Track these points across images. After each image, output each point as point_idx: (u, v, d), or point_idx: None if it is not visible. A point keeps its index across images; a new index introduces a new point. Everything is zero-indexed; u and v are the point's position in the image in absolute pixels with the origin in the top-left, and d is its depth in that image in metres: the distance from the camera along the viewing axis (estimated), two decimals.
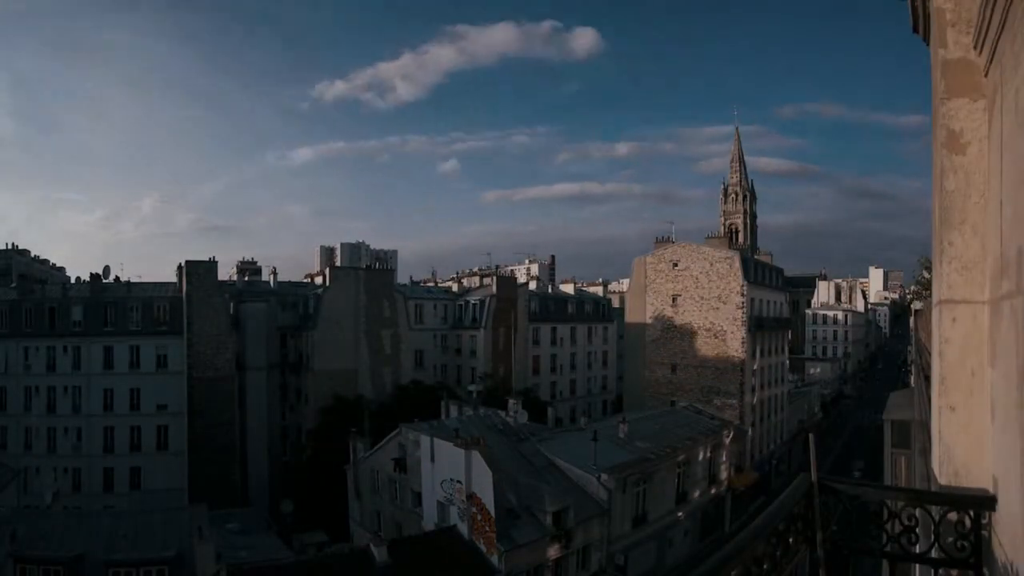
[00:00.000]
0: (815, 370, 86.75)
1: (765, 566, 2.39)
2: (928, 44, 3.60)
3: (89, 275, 50.80)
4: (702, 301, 53.79)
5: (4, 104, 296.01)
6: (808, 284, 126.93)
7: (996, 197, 2.82)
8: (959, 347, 3.14)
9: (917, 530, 2.94)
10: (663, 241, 59.10)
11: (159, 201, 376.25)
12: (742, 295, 51.78)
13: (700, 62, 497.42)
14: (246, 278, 67.02)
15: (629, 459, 33.58)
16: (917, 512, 2.96)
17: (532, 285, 70.23)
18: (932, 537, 2.88)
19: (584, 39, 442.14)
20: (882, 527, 2.96)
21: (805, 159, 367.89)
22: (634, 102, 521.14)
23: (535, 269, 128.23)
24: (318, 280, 64.58)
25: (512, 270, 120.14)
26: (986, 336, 3.04)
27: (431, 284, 78.48)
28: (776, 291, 60.78)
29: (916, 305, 46.00)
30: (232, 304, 52.67)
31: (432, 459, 29.41)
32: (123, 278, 54.12)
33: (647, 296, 57.35)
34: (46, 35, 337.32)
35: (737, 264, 52.60)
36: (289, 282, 65.81)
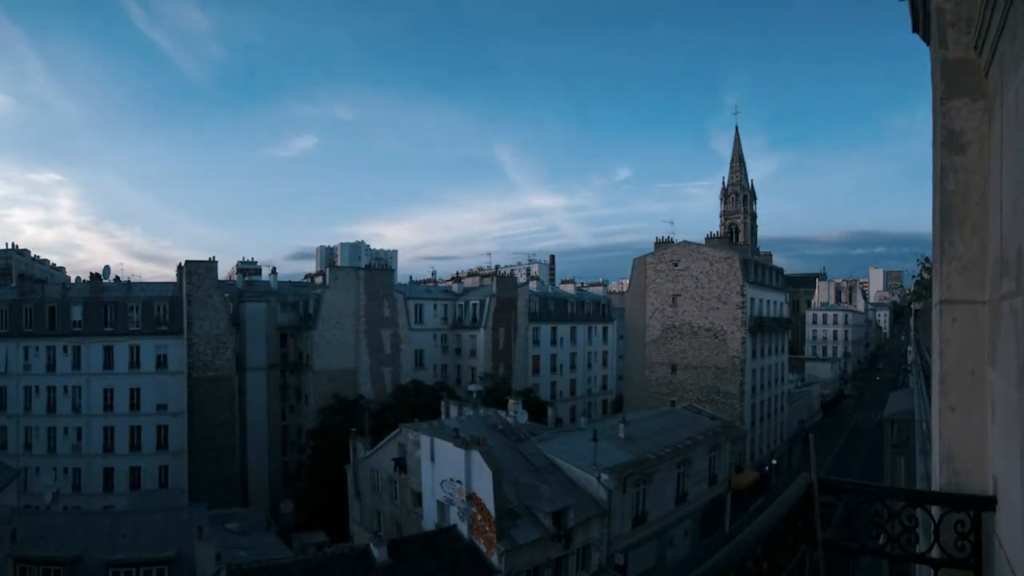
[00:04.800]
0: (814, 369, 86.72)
1: (765, 566, 2.39)
2: (928, 44, 3.60)
3: (89, 275, 50.86)
4: (702, 301, 53.80)
5: None
6: (808, 284, 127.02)
7: (996, 197, 2.82)
8: (959, 347, 3.14)
9: (917, 530, 2.94)
10: (663, 241, 59.12)
11: None
12: (742, 295, 51.81)
13: None
14: (246, 278, 66.95)
15: (629, 459, 33.56)
16: (917, 512, 2.96)
17: (532, 285, 70.20)
18: (932, 537, 2.88)
19: None
20: (882, 527, 2.96)
21: None
22: None
23: (535, 269, 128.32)
24: (318, 280, 64.57)
25: (512, 270, 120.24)
26: (986, 336, 3.04)
27: (431, 284, 78.49)
28: (776, 291, 60.78)
29: (916, 305, 45.96)
30: (232, 304, 52.64)
31: (432, 459, 29.39)
32: (123, 278, 54.31)
33: (647, 296, 57.37)
34: None
35: (737, 264, 52.63)
36: (289, 282, 65.83)
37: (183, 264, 49.16)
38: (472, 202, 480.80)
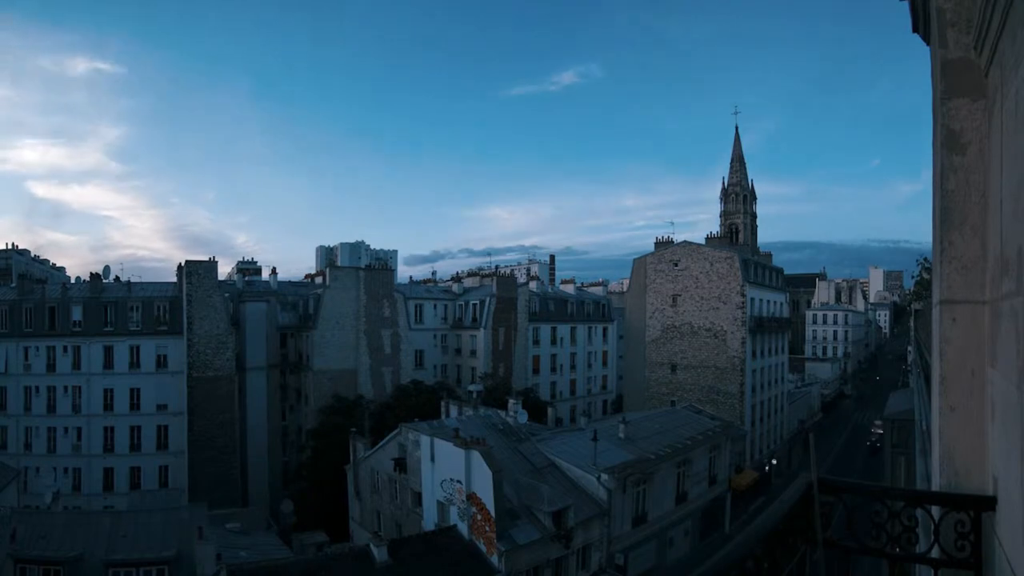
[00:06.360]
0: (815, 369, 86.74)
1: (765, 566, 2.40)
2: (928, 44, 3.60)
3: (89, 275, 50.87)
4: (702, 301, 53.82)
5: None
6: (808, 284, 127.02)
7: (996, 197, 2.82)
8: (959, 347, 3.14)
9: (917, 530, 2.94)
10: (663, 241, 59.12)
11: None
12: (742, 295, 51.83)
13: None
14: (246, 278, 66.94)
15: (629, 459, 33.55)
16: (917, 512, 2.96)
17: (532, 285, 70.18)
18: (932, 537, 2.88)
19: None
20: (882, 527, 2.96)
21: None
22: None
23: (535, 269, 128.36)
24: (318, 280, 64.58)
25: (512, 270, 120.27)
26: (986, 336, 3.04)
27: (431, 284, 78.45)
28: (776, 291, 60.79)
29: (916, 305, 46.03)
30: (232, 304, 52.65)
31: (432, 459, 29.40)
32: (123, 278, 54.32)
33: (647, 296, 57.40)
34: None
35: (737, 264, 52.64)
36: (289, 282, 65.85)
37: (183, 264, 49.22)
38: (654, 184, 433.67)
